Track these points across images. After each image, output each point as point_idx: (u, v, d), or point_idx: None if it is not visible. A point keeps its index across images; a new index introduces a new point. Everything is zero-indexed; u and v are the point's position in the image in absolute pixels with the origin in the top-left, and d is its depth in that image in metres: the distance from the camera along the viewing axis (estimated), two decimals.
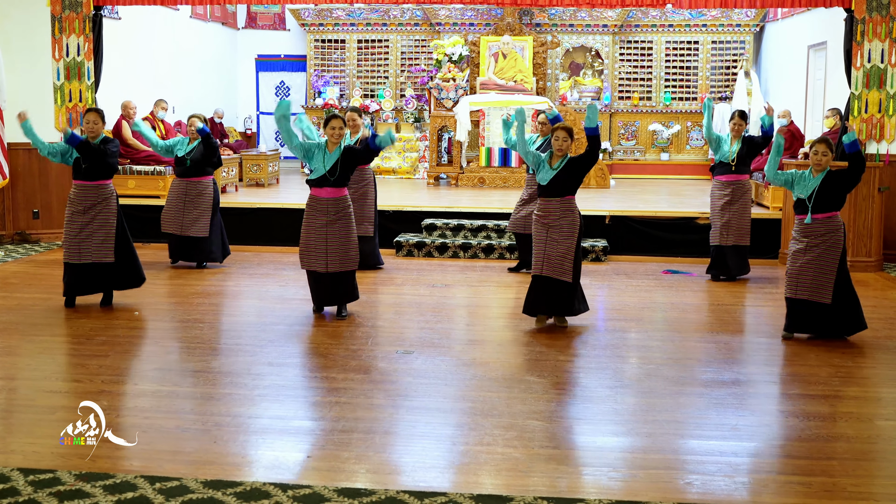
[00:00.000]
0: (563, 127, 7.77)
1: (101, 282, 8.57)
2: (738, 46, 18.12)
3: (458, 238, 11.82)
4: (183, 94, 16.32)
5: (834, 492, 4.67)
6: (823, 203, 7.52)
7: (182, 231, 10.54)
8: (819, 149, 7.58)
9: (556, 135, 7.73)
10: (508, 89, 16.33)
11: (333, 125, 8.05)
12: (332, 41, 19.00)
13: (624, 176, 17.55)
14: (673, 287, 9.95)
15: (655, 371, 6.81)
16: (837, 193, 7.54)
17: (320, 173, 8.03)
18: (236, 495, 4.50)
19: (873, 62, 11.24)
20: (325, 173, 8.01)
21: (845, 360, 7.14)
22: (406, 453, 5.21)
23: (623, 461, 5.12)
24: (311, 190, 8.17)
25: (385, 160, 17.06)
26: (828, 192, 7.50)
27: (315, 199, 8.14)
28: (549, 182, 7.76)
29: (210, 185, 10.65)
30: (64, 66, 12.30)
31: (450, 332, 8.13)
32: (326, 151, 8.05)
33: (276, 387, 6.33)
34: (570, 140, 7.75)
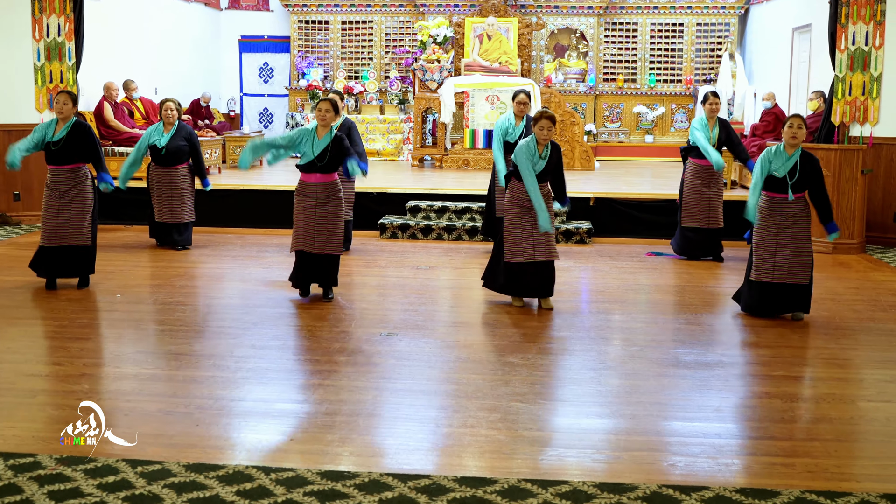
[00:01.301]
0: (547, 115, 7.70)
1: (74, 265, 8.51)
2: (723, 29, 18.11)
3: (443, 220, 11.79)
4: (166, 75, 16.19)
5: (816, 473, 4.68)
6: (801, 183, 7.55)
7: (174, 219, 10.55)
8: (794, 122, 7.56)
9: (539, 124, 7.68)
10: (493, 71, 16.28)
11: (320, 107, 7.99)
12: (316, 22, 18.90)
13: (608, 158, 17.54)
14: (657, 269, 9.96)
15: (639, 353, 6.81)
16: (809, 177, 7.56)
17: (308, 159, 7.98)
18: (219, 478, 4.48)
19: (857, 45, 11.24)
20: (313, 159, 7.97)
21: (828, 342, 7.16)
22: (390, 436, 5.20)
23: (607, 443, 5.12)
24: (301, 175, 8.12)
25: (369, 142, 17.00)
26: (803, 171, 7.52)
27: (304, 185, 8.09)
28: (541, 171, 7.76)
29: (186, 170, 10.70)
30: (44, 46, 12.18)
31: (434, 314, 8.12)
32: (315, 137, 7.99)
33: (259, 369, 6.31)
34: (554, 127, 7.73)
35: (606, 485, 4.48)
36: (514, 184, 7.87)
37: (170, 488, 4.36)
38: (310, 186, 8.05)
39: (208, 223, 11.85)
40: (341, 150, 8.02)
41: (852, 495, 4.39)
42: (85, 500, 4.24)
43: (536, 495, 4.35)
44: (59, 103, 8.38)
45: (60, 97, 8.40)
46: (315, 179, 8.04)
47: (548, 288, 7.94)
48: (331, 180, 8.10)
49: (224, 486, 4.41)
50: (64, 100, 8.37)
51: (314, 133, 8.00)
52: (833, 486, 4.51)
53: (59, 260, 8.43)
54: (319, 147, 7.97)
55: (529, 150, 7.72)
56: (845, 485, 4.54)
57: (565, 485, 4.47)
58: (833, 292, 8.80)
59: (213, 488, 4.37)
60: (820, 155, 10.71)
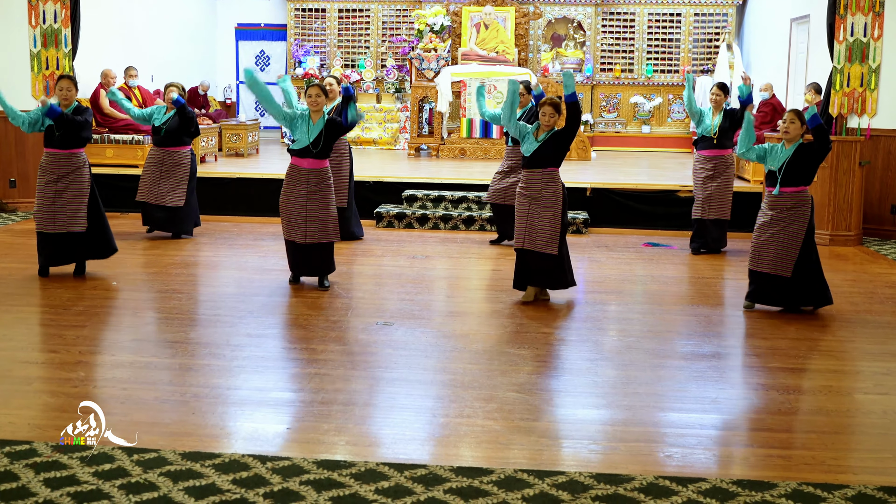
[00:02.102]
0: (550, 102, 7.69)
1: (74, 251, 8.49)
2: (721, 19, 18.07)
3: (439, 209, 11.77)
4: (162, 63, 16.12)
5: (813, 465, 4.68)
6: (793, 176, 7.53)
7: (156, 200, 10.44)
8: (787, 117, 7.57)
9: (542, 110, 7.66)
10: (490, 60, 16.23)
11: (310, 93, 7.99)
12: (313, 10, 18.82)
13: (605, 148, 17.53)
14: (653, 260, 9.95)
15: (635, 344, 6.81)
16: (807, 167, 7.54)
17: (303, 145, 7.97)
18: (215, 467, 4.47)
19: (856, 36, 11.22)
20: (308, 145, 7.96)
21: (825, 334, 7.17)
22: (386, 425, 5.19)
23: (603, 434, 5.12)
24: (292, 159, 8.10)
25: (365, 130, 16.97)
26: (798, 164, 7.51)
27: (296, 169, 8.07)
28: (532, 153, 7.69)
29: (187, 156, 10.57)
30: (41, 33, 12.13)
31: (430, 303, 8.11)
32: (310, 122, 7.98)
33: (255, 358, 6.30)
34: (558, 115, 7.68)
35: (603, 475, 4.48)
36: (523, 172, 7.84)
37: (166, 476, 4.35)
38: (302, 172, 8.04)
39: (205, 211, 11.81)
40: (336, 131, 8.04)
41: (849, 487, 4.39)
42: (81, 488, 4.23)
43: (533, 486, 4.35)
44: (62, 90, 8.32)
45: (63, 83, 8.34)
46: (307, 164, 8.02)
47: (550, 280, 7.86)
48: (322, 166, 8.10)
49: (220, 474, 4.40)
50: (67, 85, 8.33)
51: (308, 119, 7.99)
52: (830, 478, 4.51)
53: (55, 247, 8.40)
54: (314, 132, 7.96)
55: (527, 128, 7.72)
56: (842, 477, 4.54)
57: (562, 475, 4.47)
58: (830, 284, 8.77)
59: (210, 477, 4.36)
60: None
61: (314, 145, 7.96)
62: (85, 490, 4.21)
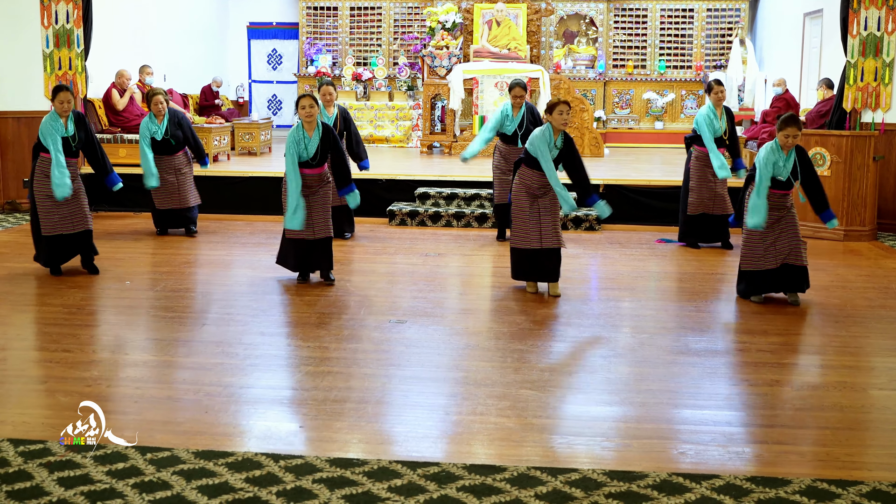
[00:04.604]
0: (564, 101, 7.73)
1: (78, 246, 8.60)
2: (734, 14, 18.01)
3: (452, 207, 11.76)
4: (174, 61, 16.17)
5: (827, 461, 4.66)
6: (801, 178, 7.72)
7: (181, 204, 10.56)
8: (790, 132, 7.52)
9: (559, 108, 7.64)
10: (502, 57, 16.20)
11: (303, 104, 7.92)
12: (325, 8, 18.84)
13: (618, 144, 17.49)
14: (666, 256, 9.92)
15: (649, 340, 6.79)
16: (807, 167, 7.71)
17: (304, 160, 8.01)
18: (228, 465, 4.48)
19: (870, 30, 11.16)
20: (308, 160, 8.01)
21: (839, 330, 7.13)
22: (399, 423, 5.19)
23: (616, 431, 5.10)
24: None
25: (378, 129, 16.98)
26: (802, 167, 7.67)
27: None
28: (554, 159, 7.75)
29: (186, 155, 10.76)
30: (53, 33, 12.16)
31: (443, 301, 8.10)
32: (305, 135, 7.96)
33: (268, 356, 6.31)
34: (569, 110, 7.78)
35: (616, 473, 4.47)
36: (524, 170, 7.84)
37: (179, 475, 4.36)
38: (303, 178, 8.06)
39: (216, 210, 11.86)
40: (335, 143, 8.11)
41: (864, 484, 4.37)
42: (94, 487, 4.24)
43: (546, 483, 4.34)
44: (63, 102, 8.36)
45: (63, 95, 8.36)
46: (308, 172, 8.09)
47: (554, 273, 7.92)
48: (323, 171, 8.22)
49: (233, 473, 4.40)
50: (67, 98, 8.39)
51: (304, 133, 7.98)
52: (844, 474, 4.49)
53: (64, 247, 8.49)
54: (313, 146, 7.99)
55: (545, 136, 7.70)
56: (856, 473, 4.51)
57: (575, 472, 4.46)
58: (844, 280, 8.76)
59: (222, 475, 4.37)
60: (831, 141, 10.71)
61: (313, 158, 8.04)
62: (98, 489, 4.23)
